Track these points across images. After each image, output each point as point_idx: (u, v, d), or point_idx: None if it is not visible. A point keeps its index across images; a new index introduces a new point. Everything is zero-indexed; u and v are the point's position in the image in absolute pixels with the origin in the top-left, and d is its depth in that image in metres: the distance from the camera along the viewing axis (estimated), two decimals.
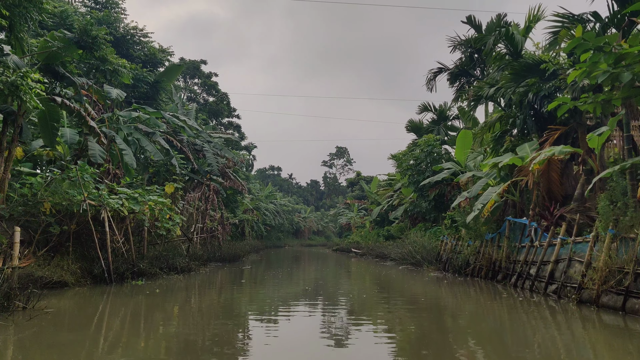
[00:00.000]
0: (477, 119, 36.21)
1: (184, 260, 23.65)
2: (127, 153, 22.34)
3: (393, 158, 51.58)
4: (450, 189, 30.50)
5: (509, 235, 19.48)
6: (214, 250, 33.15)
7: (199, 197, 32.31)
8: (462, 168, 27.66)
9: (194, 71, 62.25)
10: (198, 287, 18.57)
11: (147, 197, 19.92)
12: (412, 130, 42.77)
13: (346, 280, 24.34)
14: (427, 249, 29.86)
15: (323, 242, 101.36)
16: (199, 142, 34.06)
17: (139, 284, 17.81)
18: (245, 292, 17.75)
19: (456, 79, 34.72)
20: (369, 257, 42.93)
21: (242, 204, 58.29)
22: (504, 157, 18.49)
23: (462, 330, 10.89)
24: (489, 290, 17.61)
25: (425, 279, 22.68)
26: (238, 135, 69.03)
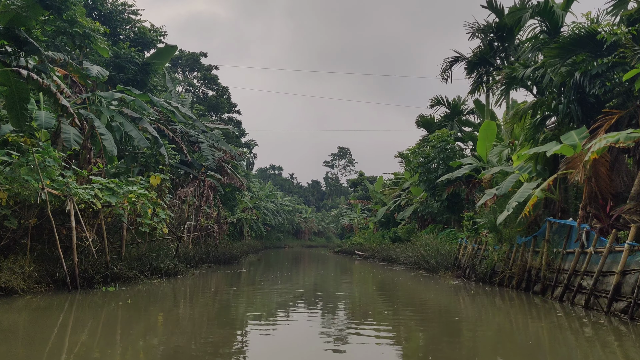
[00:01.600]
0: (495, 114, 33.13)
1: (171, 262, 20.57)
2: (107, 139, 19.30)
3: (400, 156, 48.56)
4: (471, 187, 27.37)
5: (549, 239, 16.36)
6: (208, 251, 30.05)
7: (193, 192, 29.21)
8: (483, 164, 24.56)
9: (194, 64, 59.25)
10: (179, 295, 15.46)
11: (126, 189, 16.83)
12: (423, 126, 39.68)
13: (355, 288, 21.22)
14: (442, 254, 26.76)
15: (324, 244, 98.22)
16: (194, 132, 30.99)
17: (111, 290, 14.71)
18: (234, 303, 14.65)
19: (474, 68, 31.66)
20: (375, 261, 39.81)
21: (241, 202, 55.17)
22: (546, 146, 15.39)
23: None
24: (532, 306, 14.49)
25: (447, 288, 19.56)
26: (238, 131, 66.03)
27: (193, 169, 32.00)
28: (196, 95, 57.99)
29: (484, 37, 31.35)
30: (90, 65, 20.38)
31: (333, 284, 22.53)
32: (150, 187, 20.29)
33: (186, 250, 25.89)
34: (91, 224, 16.27)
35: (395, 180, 51.33)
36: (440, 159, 33.70)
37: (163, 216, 19.70)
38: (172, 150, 26.27)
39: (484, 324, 11.82)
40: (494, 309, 14.17)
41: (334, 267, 36.83)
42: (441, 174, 33.67)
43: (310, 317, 12.17)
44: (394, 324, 11.48)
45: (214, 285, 18.60)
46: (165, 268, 19.46)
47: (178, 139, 28.99)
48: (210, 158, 29.80)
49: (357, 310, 13.76)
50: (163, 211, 19.95)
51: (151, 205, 19.57)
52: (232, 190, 48.50)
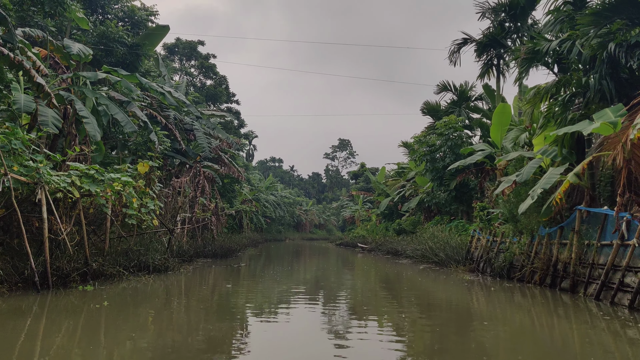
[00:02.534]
0: (505, 99, 31.25)
1: (161, 256, 18.79)
2: (89, 122, 17.45)
3: (405, 145, 46.77)
4: (484, 176, 25.53)
5: (579, 229, 14.56)
6: (204, 244, 28.29)
7: (187, 182, 27.41)
8: (497, 150, 22.72)
9: (191, 52, 57.23)
10: (163, 295, 13.66)
11: (108, 176, 15.02)
12: (429, 113, 37.80)
13: (361, 284, 19.46)
14: (452, 246, 25.00)
15: (325, 236, 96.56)
16: (189, 120, 29.15)
17: (88, 289, 12.92)
18: (227, 303, 12.87)
19: (484, 50, 29.80)
20: (379, 254, 38.06)
21: (240, 194, 53.39)
22: (578, 125, 13.54)
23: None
24: (565, 305, 12.72)
25: (462, 283, 17.79)
26: (237, 121, 64.14)
27: (189, 159, 30.21)
28: (194, 84, 56.10)
29: (494, 18, 29.49)
30: (71, 42, 18.50)
31: (337, 279, 20.78)
32: (138, 175, 18.49)
33: (180, 243, 24.13)
34: (69, 215, 14.46)
35: (398, 171, 49.51)
36: (447, 146, 31.91)
37: (152, 207, 17.91)
38: (164, 137, 24.44)
39: (516, 329, 10.05)
40: (522, 309, 12.39)
41: (336, 260, 35.08)
42: (449, 162, 31.91)
43: (313, 318, 10.41)
44: (410, 327, 9.71)
45: (205, 282, 16.82)
46: (154, 263, 17.67)
47: (171, 125, 27.15)
48: (205, 146, 27.97)
49: (367, 311, 11.99)
50: (152, 201, 18.14)
51: (137, 195, 17.79)
52: (230, 182, 46.78)
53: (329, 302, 13.33)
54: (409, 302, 13.51)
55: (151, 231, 19.70)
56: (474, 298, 14.42)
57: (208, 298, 13.23)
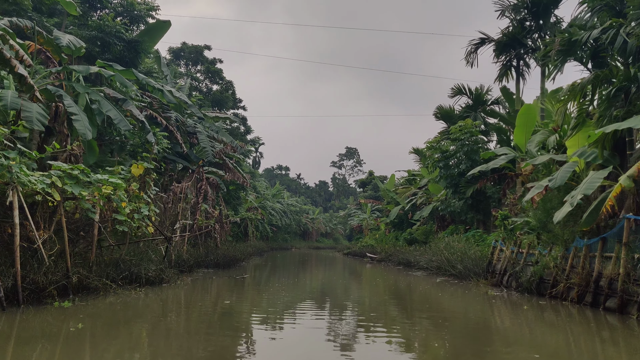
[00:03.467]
0: (524, 101, 29.39)
1: (157, 267, 17.02)
2: (79, 119, 15.86)
3: (416, 152, 44.97)
4: (508, 182, 23.65)
5: (627, 241, 12.67)
6: (207, 253, 26.52)
7: (189, 187, 25.70)
8: (522, 154, 20.87)
9: (197, 56, 55.80)
10: (153, 313, 11.87)
11: (94, 177, 13.32)
12: (442, 118, 35.97)
13: (377, 300, 17.58)
14: (470, 257, 23.10)
15: (331, 245, 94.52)
16: (191, 122, 27.51)
17: (65, 306, 11.15)
18: (224, 324, 11.07)
19: (503, 50, 28.07)
20: (389, 264, 36.12)
21: (246, 201, 51.71)
22: (631, 121, 11.71)
23: None
24: (614, 328, 10.81)
25: (488, 300, 15.90)
26: (244, 128, 62.64)
27: (192, 164, 28.53)
28: (199, 89, 54.64)
29: (514, 16, 27.74)
30: (61, 34, 16.96)
31: (347, 293, 18.94)
32: (132, 178, 16.79)
33: (179, 252, 22.38)
34: (49, 221, 12.76)
35: (409, 178, 47.64)
36: (463, 152, 30.07)
37: (146, 212, 16.18)
38: (163, 138, 22.78)
39: (553, 354, 8.19)
40: (559, 331, 10.50)
41: (345, 271, 33.21)
42: (465, 169, 30.09)
43: (322, 345, 8.60)
44: (436, 351, 7.88)
45: (202, 297, 15.01)
46: (147, 275, 15.91)
47: (172, 127, 25.50)
48: (209, 150, 26.29)
49: (388, 334, 10.14)
50: (146, 207, 16.42)
51: (126, 198, 16.08)
52: (236, 189, 45.15)
53: (340, 321, 11.50)
54: (432, 321, 11.65)
55: (146, 239, 17.96)
56: (505, 317, 12.54)
57: (202, 317, 11.43)
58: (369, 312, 13.59)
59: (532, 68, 28.11)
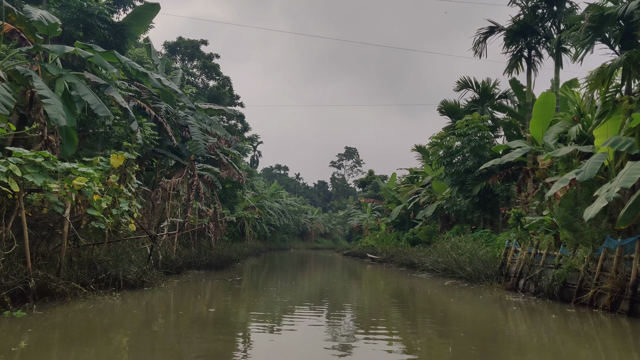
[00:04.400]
0: (534, 95, 27.61)
1: (139, 269, 15.23)
2: (50, 102, 14.05)
3: (418, 150, 43.24)
4: (524, 177, 21.89)
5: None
6: (199, 254, 24.74)
7: (180, 183, 23.92)
8: (539, 147, 19.10)
9: (193, 51, 54.05)
10: (122, 325, 10.07)
11: (62, 166, 11.54)
12: (447, 113, 34.21)
13: (385, 306, 15.78)
14: (482, 259, 21.34)
15: (330, 246, 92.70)
16: (183, 114, 25.71)
17: (18, 316, 9.36)
18: (203, 337, 9.29)
19: (514, 39, 26.28)
20: (391, 265, 34.33)
21: (243, 200, 49.90)
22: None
23: None
24: None
25: (507, 307, 14.11)
26: (241, 125, 60.87)
27: (185, 159, 26.72)
28: (196, 85, 52.85)
29: (525, 4, 25.99)
30: (32, 8, 15.17)
31: (349, 297, 17.17)
32: (111, 170, 15.01)
33: (167, 253, 20.60)
34: (5, 216, 10.98)
35: (411, 177, 45.86)
36: (470, 148, 28.31)
37: (126, 207, 14.40)
38: (150, 129, 20.97)
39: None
40: (591, 344, 8.74)
41: (345, 272, 31.44)
42: (472, 165, 28.36)
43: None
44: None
45: (184, 303, 13.21)
46: (126, 277, 14.13)
47: (162, 119, 23.71)
48: (201, 143, 24.48)
49: (406, 355, 8.38)
50: (126, 201, 14.63)
51: (109, 193, 14.32)
52: (232, 187, 43.36)
53: (341, 330, 9.73)
54: (449, 333, 9.87)
55: (126, 238, 16.17)
56: (532, 328, 10.77)
57: (178, 330, 9.65)
58: (374, 320, 11.82)
59: (544, 58, 26.33)
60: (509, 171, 22.97)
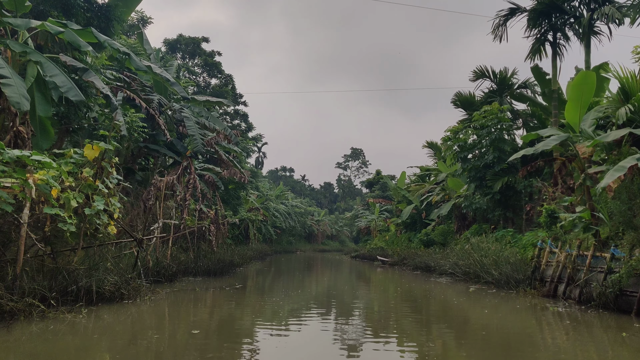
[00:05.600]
0: (558, 83, 25.12)
1: (120, 278, 12.87)
2: (10, 83, 11.88)
3: (429, 146, 40.80)
4: (560, 169, 19.42)
5: None
6: (196, 259, 22.40)
7: (174, 181, 21.61)
8: (575, 134, 16.64)
9: (194, 49, 51.84)
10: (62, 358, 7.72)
11: (9, 154, 9.24)
12: (462, 105, 31.75)
13: (410, 320, 13.33)
14: (510, 262, 18.88)
15: (338, 248, 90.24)
16: (178, 106, 23.40)
17: None
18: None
19: (537, 20, 23.82)
20: (405, 269, 31.85)
21: (247, 201, 47.59)
22: None
23: None
24: None
25: (562, 322, 11.64)
26: (245, 125, 58.64)
27: (181, 156, 24.36)
28: (197, 83, 50.65)
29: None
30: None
31: (364, 308, 14.76)
32: (85, 163, 12.71)
33: (159, 258, 18.27)
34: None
35: (422, 174, 43.36)
36: (490, 140, 25.87)
37: (101, 206, 12.07)
38: (139, 120, 18.66)
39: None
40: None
41: (356, 277, 29.02)
42: (491, 160, 25.93)
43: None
44: None
45: (161, 323, 10.78)
46: (101, 289, 11.79)
47: (154, 111, 21.44)
48: (197, 138, 22.17)
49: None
50: (101, 199, 12.30)
51: (82, 189, 12.03)
52: (235, 188, 41.10)
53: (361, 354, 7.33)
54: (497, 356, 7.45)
55: (107, 243, 13.86)
56: (602, 353, 8.32)
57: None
58: (401, 338, 9.41)
59: (573, 41, 23.89)
60: (540, 163, 20.45)
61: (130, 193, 21.86)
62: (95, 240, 13.96)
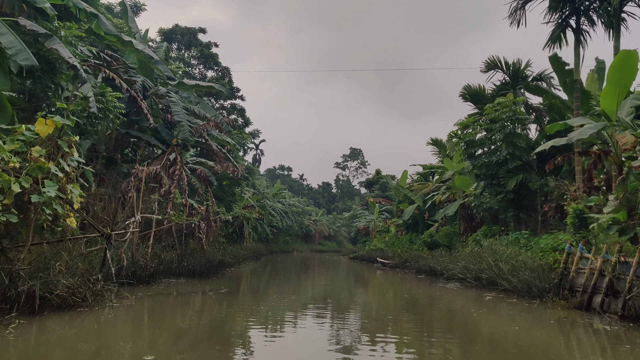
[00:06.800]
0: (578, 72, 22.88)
1: (80, 280, 10.60)
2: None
3: (434, 143, 38.56)
4: (596, 162, 17.17)
5: None
6: (180, 258, 20.13)
7: (156, 171, 19.35)
8: (612, 123, 14.42)
9: (190, 40, 49.57)
10: None
11: None
12: (471, 99, 29.54)
13: (435, 338, 11.08)
14: (530, 268, 16.65)
15: (335, 248, 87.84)
16: (164, 90, 21.11)
17: None
18: None
19: (560, 4, 21.60)
20: (407, 272, 29.57)
21: (242, 198, 45.25)
22: None
23: None
24: None
25: (620, 345, 9.42)
26: (242, 120, 56.32)
27: (167, 145, 22.07)
28: (193, 76, 48.39)
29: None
30: None
31: (369, 319, 12.51)
32: (38, 141, 10.44)
33: (135, 257, 15.99)
34: None
35: (425, 173, 41.10)
36: (504, 135, 23.68)
37: (52, 193, 9.80)
38: (116, 100, 16.37)
39: None
40: None
41: (356, 280, 26.77)
42: (505, 156, 23.77)
43: None
44: None
45: (110, 345, 8.46)
46: (46, 293, 9.51)
47: (135, 93, 19.16)
48: (185, 124, 19.89)
49: None
50: (54, 185, 10.03)
51: (30, 171, 9.78)
52: (230, 184, 38.82)
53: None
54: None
55: (67, 239, 11.58)
56: None
57: None
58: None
59: (595, 27, 21.69)
60: (562, 158, 18.22)
61: (109, 184, 19.61)
62: (54, 235, 11.72)
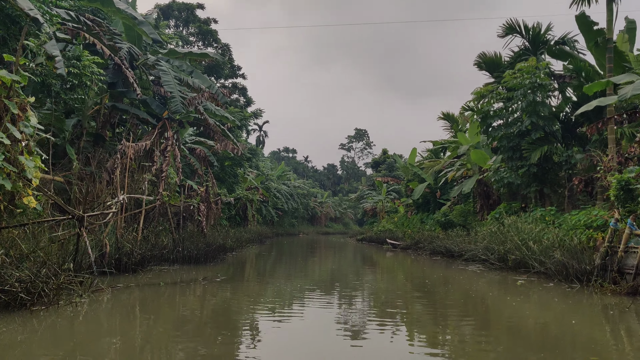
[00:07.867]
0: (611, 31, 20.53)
1: (30, 273, 8.64)
2: None
3: (445, 118, 36.30)
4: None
5: None
6: (175, 243, 18.23)
7: (146, 147, 17.33)
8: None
9: (188, 15, 47.18)
10: None
11: None
12: (487, 68, 27.14)
13: (475, 335, 9.08)
14: (568, 248, 14.61)
15: (341, 230, 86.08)
16: (153, 59, 18.96)
17: None
18: None
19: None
20: (420, 254, 27.60)
21: (245, 180, 43.27)
22: None
23: None
24: None
25: None
26: (244, 100, 54.14)
27: (168, 124, 19.93)
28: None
29: None
30: None
31: (392, 312, 10.55)
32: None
33: (120, 242, 14.06)
34: None
35: (436, 149, 38.85)
36: (526, 103, 21.46)
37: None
38: (93, 65, 14.28)
39: None
40: None
41: (366, 264, 24.88)
42: (527, 126, 21.62)
43: None
44: None
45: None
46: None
47: (120, 61, 17.04)
48: (176, 95, 17.78)
49: None
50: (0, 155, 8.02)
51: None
52: (232, 165, 36.82)
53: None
54: None
55: (20, 225, 9.61)
56: None
57: None
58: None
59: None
60: (599, 125, 16.03)
61: (94, 163, 17.63)
62: (13, 218, 9.76)
